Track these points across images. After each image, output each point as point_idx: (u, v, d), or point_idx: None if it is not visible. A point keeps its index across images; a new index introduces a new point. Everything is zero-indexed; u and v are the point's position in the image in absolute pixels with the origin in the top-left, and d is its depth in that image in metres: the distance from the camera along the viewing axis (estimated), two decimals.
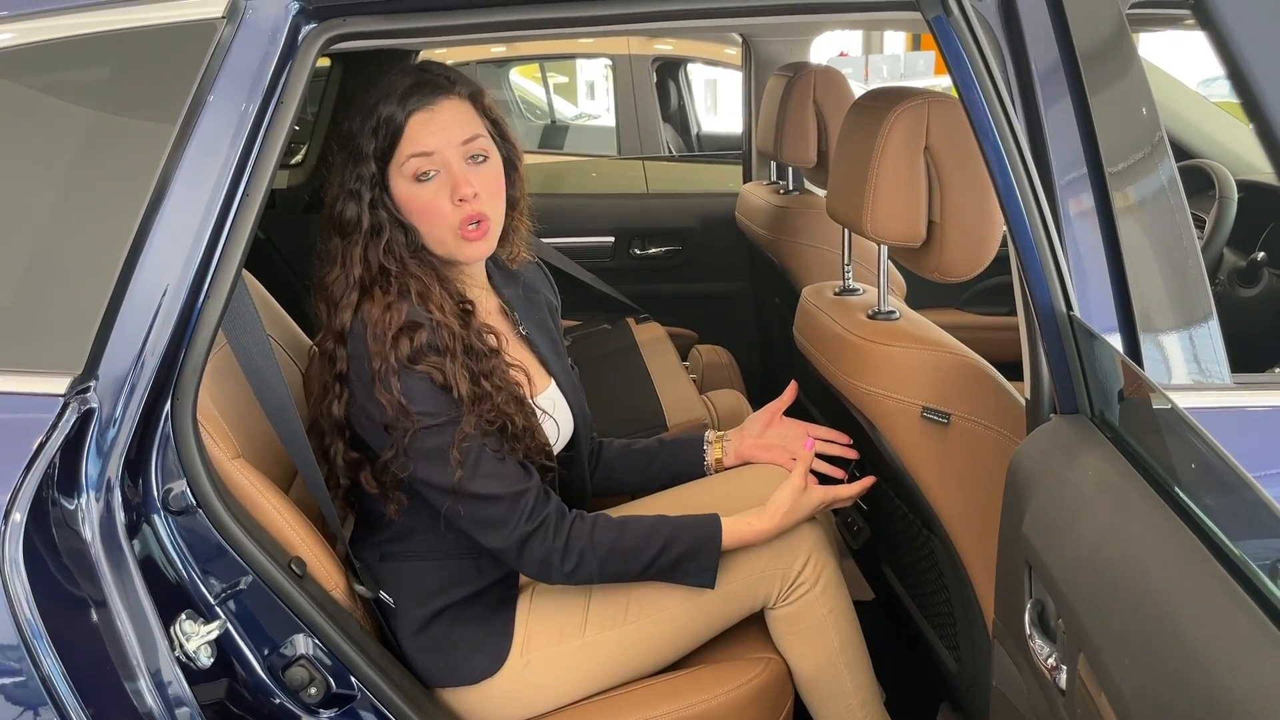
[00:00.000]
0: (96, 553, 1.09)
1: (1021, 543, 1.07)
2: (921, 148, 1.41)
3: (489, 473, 1.35)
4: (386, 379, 1.31)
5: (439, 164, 1.37)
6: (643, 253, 3.21)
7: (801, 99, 2.32)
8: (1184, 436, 0.90)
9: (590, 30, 1.64)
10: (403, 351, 1.32)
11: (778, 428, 1.71)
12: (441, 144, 1.37)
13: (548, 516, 1.37)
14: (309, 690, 1.27)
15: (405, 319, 1.33)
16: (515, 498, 1.36)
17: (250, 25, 1.18)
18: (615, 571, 1.41)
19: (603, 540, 1.39)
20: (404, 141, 1.36)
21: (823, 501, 1.51)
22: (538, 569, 1.40)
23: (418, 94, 1.36)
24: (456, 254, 1.42)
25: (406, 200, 1.38)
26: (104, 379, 1.13)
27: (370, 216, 1.37)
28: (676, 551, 1.41)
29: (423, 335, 1.33)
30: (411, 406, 1.32)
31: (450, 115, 1.38)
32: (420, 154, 1.36)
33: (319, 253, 1.43)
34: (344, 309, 1.36)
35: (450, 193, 1.37)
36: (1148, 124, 1.21)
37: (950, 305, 2.96)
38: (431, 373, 1.33)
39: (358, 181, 1.37)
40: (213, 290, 1.17)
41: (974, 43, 1.12)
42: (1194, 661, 0.74)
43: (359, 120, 1.38)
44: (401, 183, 1.38)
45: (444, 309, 1.38)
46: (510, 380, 1.43)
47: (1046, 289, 1.13)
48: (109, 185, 1.19)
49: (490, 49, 5.12)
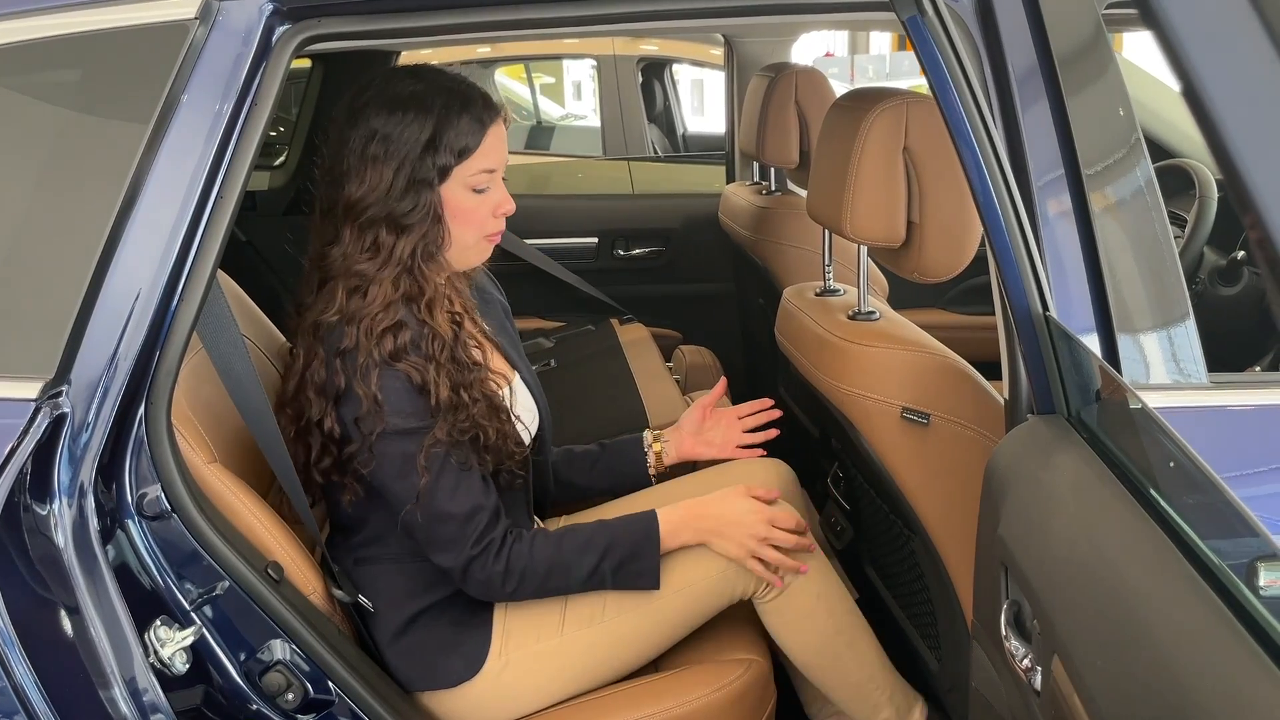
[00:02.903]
0: (69, 559, 1.08)
1: (998, 543, 1.07)
2: (900, 148, 1.42)
3: (449, 487, 1.35)
4: (367, 372, 1.31)
5: (496, 180, 1.41)
6: (626, 254, 3.21)
7: (783, 100, 2.33)
8: (1156, 438, 0.90)
9: (571, 31, 1.63)
10: (385, 348, 1.32)
11: (713, 422, 1.73)
12: (501, 161, 1.41)
13: (492, 541, 1.38)
14: (286, 696, 1.26)
15: (395, 318, 1.34)
16: (467, 518, 1.36)
17: (223, 26, 1.17)
18: (558, 586, 1.42)
19: (542, 557, 1.40)
20: (479, 154, 1.38)
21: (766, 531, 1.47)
22: (480, 590, 1.41)
23: (489, 110, 1.39)
24: (469, 259, 1.45)
25: (457, 205, 1.39)
26: (76, 383, 1.12)
27: (431, 210, 1.37)
28: (617, 557, 1.42)
29: (406, 335, 1.34)
30: (385, 403, 1.32)
31: (503, 134, 1.42)
32: (488, 170, 1.39)
33: (329, 237, 1.40)
34: (356, 295, 1.35)
35: (494, 206, 1.42)
36: (1125, 125, 1.22)
37: (933, 305, 2.97)
38: (410, 372, 1.33)
39: (430, 171, 1.36)
40: (187, 293, 1.16)
41: (949, 43, 1.12)
42: (1163, 663, 0.74)
43: (421, 116, 1.35)
44: (458, 189, 1.38)
45: (440, 314, 1.39)
46: (490, 391, 1.43)
47: (1023, 290, 1.13)
48: (81, 187, 1.18)
49: (475, 49, 5.11)
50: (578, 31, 2.93)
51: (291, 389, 1.39)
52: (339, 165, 1.37)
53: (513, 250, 2.99)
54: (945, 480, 1.43)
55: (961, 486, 1.34)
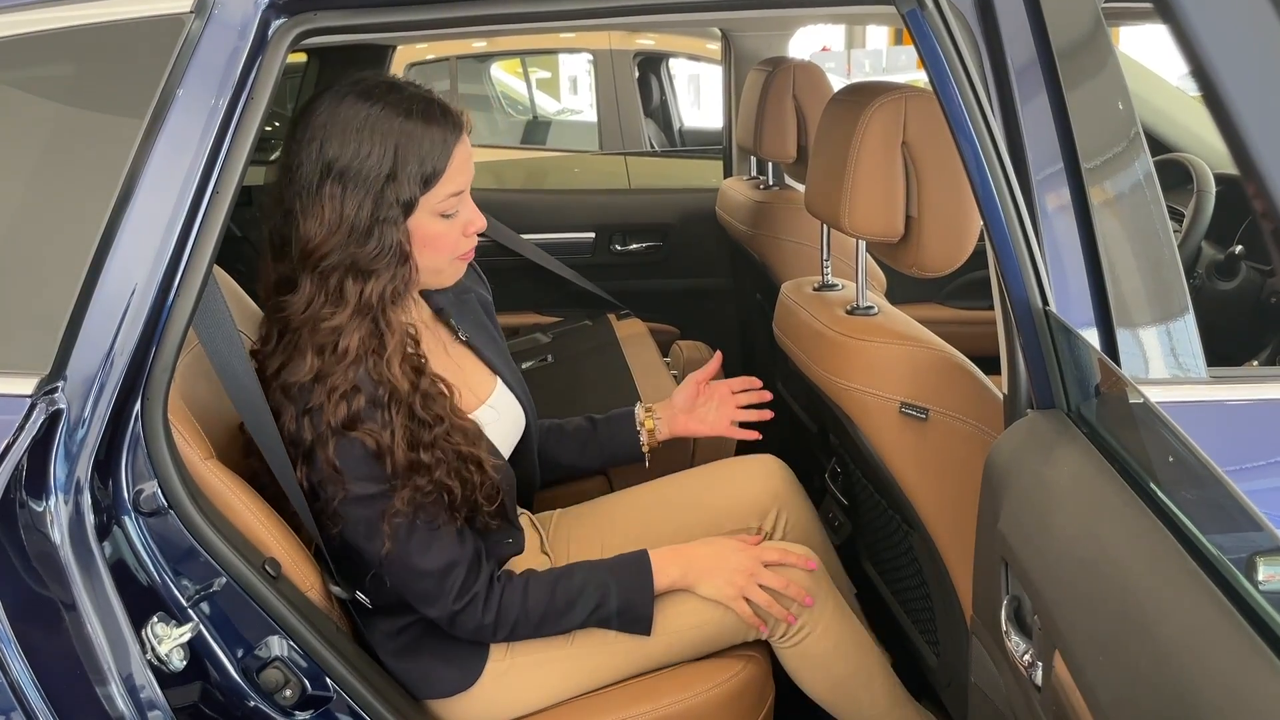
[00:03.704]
0: (66, 555, 1.08)
1: (997, 539, 1.07)
2: (899, 143, 1.41)
3: (420, 546, 1.32)
4: (325, 440, 1.27)
5: (464, 200, 1.33)
6: (623, 248, 3.20)
7: (780, 94, 2.32)
8: (1157, 432, 0.90)
9: (568, 25, 1.62)
10: (339, 414, 1.26)
11: (705, 398, 1.70)
12: (469, 179, 1.33)
13: (476, 594, 1.35)
14: (284, 692, 1.25)
15: (351, 382, 1.26)
16: (443, 574, 1.33)
17: (219, 20, 1.16)
18: (550, 631, 1.41)
19: (536, 607, 1.38)
20: (445, 179, 1.28)
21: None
22: (470, 637, 1.39)
23: (451, 127, 1.29)
24: (441, 279, 1.38)
25: (425, 234, 1.30)
26: (72, 379, 1.11)
27: (397, 249, 1.27)
28: (612, 605, 1.41)
29: (360, 400, 1.26)
30: (343, 471, 1.27)
31: (468, 148, 1.32)
32: (457, 193, 1.30)
33: (285, 285, 1.31)
34: (327, 351, 1.27)
35: (464, 226, 1.34)
36: (1124, 119, 1.21)
37: (931, 300, 2.97)
38: (364, 439, 1.27)
39: (394, 208, 1.26)
40: (183, 289, 1.16)
41: (949, 37, 1.12)
42: (1165, 657, 0.74)
43: (380, 145, 1.25)
44: (426, 218, 1.29)
45: (398, 367, 1.30)
46: (456, 444, 1.34)
47: (1023, 284, 1.12)
48: (76, 182, 1.18)
49: (471, 44, 5.10)
50: (574, 25, 2.93)
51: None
52: (291, 198, 1.28)
53: (509, 245, 2.99)
54: (944, 475, 1.43)
55: (960, 482, 1.34)
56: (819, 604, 1.49)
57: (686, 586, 1.45)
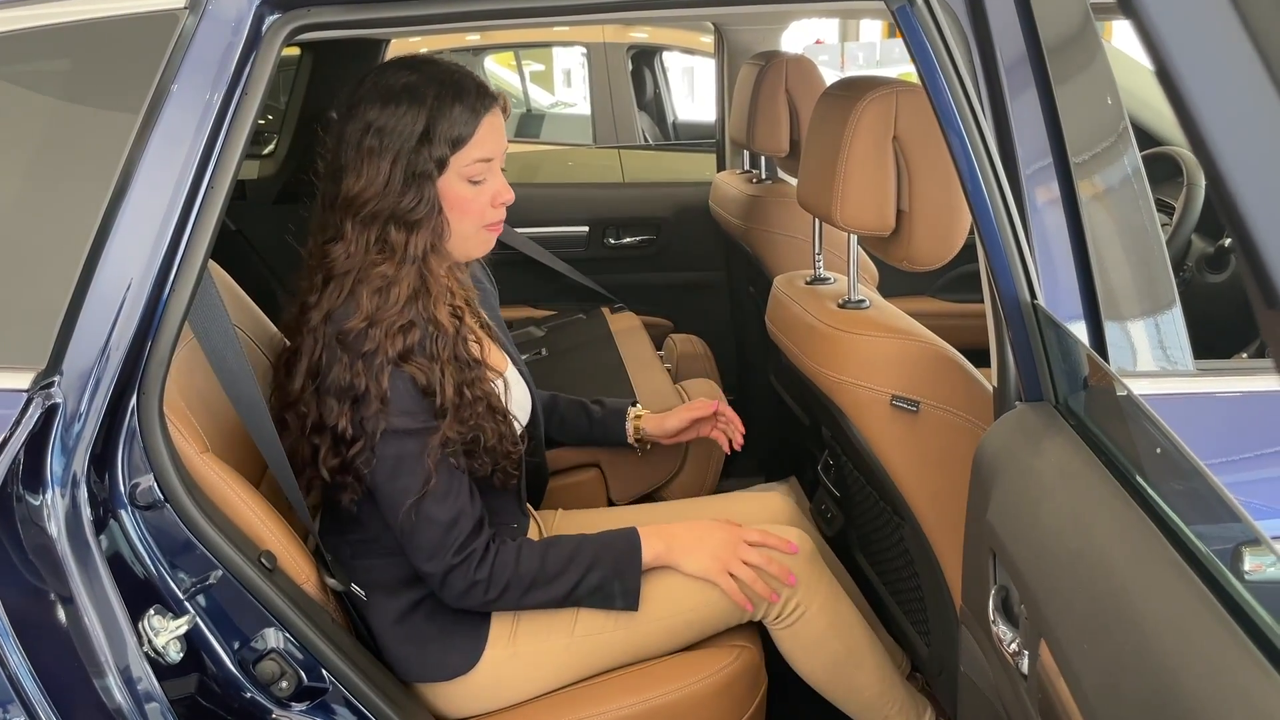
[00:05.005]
0: (63, 549, 1.08)
1: (986, 530, 1.08)
2: (890, 137, 1.42)
3: (439, 492, 1.35)
4: (380, 370, 1.32)
5: (493, 170, 1.41)
6: (617, 242, 3.21)
7: (773, 88, 2.32)
8: (1141, 425, 0.91)
9: (560, 20, 1.63)
10: (396, 347, 1.33)
11: (692, 430, 1.84)
12: (497, 150, 1.40)
13: (474, 551, 1.38)
14: (280, 684, 1.26)
15: (407, 318, 1.34)
16: (451, 525, 1.36)
17: (213, 15, 1.17)
18: (537, 599, 1.42)
19: (527, 570, 1.40)
20: (473, 143, 1.37)
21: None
22: (457, 598, 1.40)
23: (484, 98, 1.38)
24: (470, 250, 1.45)
25: (455, 196, 1.38)
26: (68, 374, 1.12)
27: (435, 203, 1.37)
28: (599, 575, 1.42)
29: (415, 335, 1.34)
30: (390, 403, 1.32)
31: (500, 123, 1.41)
32: (484, 159, 1.38)
33: (331, 233, 1.39)
34: (378, 297, 1.35)
35: (492, 196, 1.41)
36: (1112, 113, 1.22)
37: (922, 293, 2.98)
38: (416, 374, 1.34)
39: (428, 163, 1.35)
40: (178, 283, 1.16)
41: (938, 32, 1.13)
42: (1148, 647, 0.75)
43: (415, 107, 1.34)
44: (455, 180, 1.38)
45: (443, 309, 1.40)
46: (488, 390, 1.44)
47: (1011, 278, 1.14)
48: (72, 177, 1.18)
49: (465, 37, 5.09)
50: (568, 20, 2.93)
51: (297, 388, 1.38)
52: (338, 160, 1.38)
53: (503, 239, 2.97)
54: (934, 467, 1.44)
55: (950, 473, 1.35)
56: (813, 585, 1.51)
57: (671, 563, 1.46)
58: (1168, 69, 0.50)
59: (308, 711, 1.28)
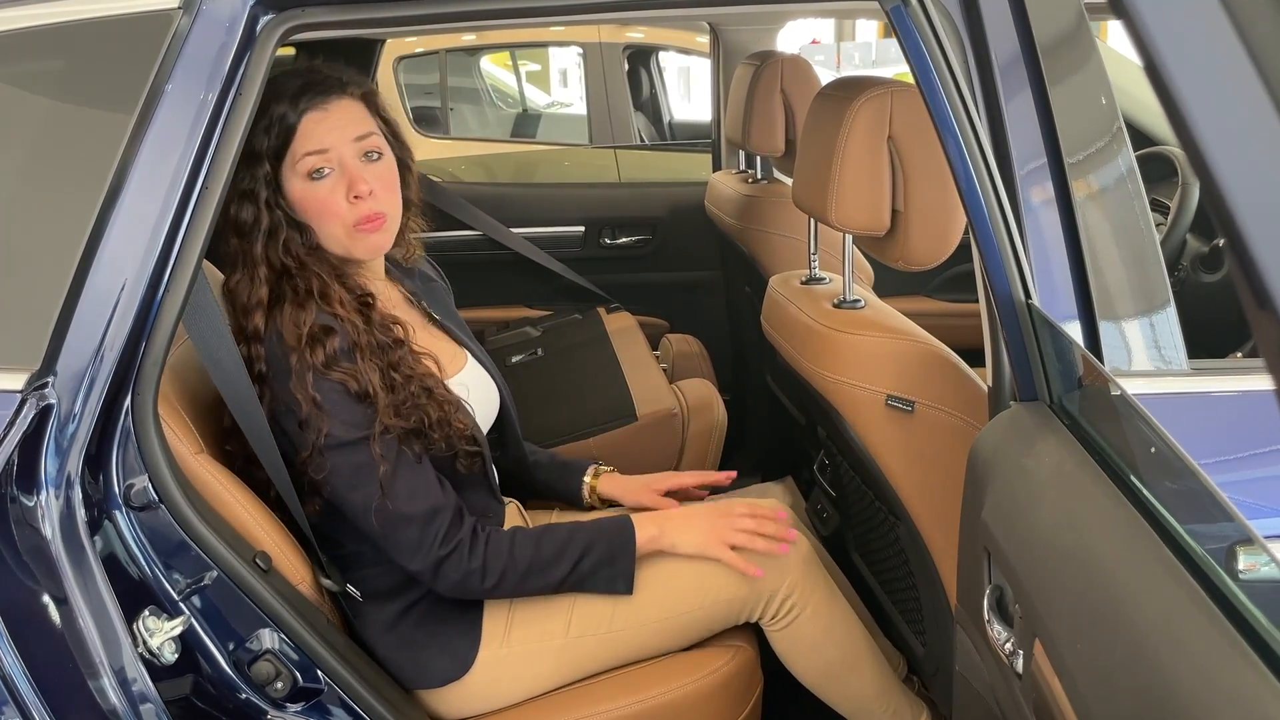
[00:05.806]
0: (57, 550, 1.08)
1: (981, 529, 1.09)
2: (885, 137, 1.42)
3: (405, 492, 1.34)
4: (303, 376, 1.31)
5: (333, 161, 1.37)
6: (613, 242, 3.21)
7: (769, 88, 2.33)
8: (1135, 424, 0.91)
9: (554, 20, 1.63)
10: (317, 357, 1.31)
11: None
12: (335, 141, 1.36)
13: (461, 540, 1.37)
14: (275, 685, 1.26)
15: (316, 322, 1.33)
16: (428, 519, 1.35)
17: (207, 16, 1.17)
18: (535, 586, 1.42)
19: (523, 556, 1.40)
20: (298, 140, 1.35)
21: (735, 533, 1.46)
22: (454, 589, 1.39)
23: (310, 93, 1.36)
24: (353, 250, 1.41)
25: (301, 199, 1.37)
26: (62, 374, 1.11)
27: (268, 216, 1.35)
28: (594, 558, 1.42)
29: (335, 340, 1.33)
30: (325, 407, 1.31)
31: (343, 113, 1.38)
32: (314, 151, 1.35)
33: (220, 256, 1.40)
34: (254, 311, 1.35)
35: (346, 190, 1.37)
36: (1107, 113, 1.22)
37: (918, 293, 2.98)
38: (346, 381, 1.32)
39: (251, 181, 1.34)
40: (172, 283, 1.16)
41: (932, 33, 1.13)
42: (1142, 646, 0.75)
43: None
44: (295, 181, 1.36)
45: (345, 305, 1.37)
46: (419, 370, 1.42)
47: (1006, 278, 1.14)
48: (66, 178, 1.18)
49: (460, 37, 5.09)
50: (563, 20, 2.93)
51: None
52: None
53: (499, 239, 2.99)
54: (929, 467, 1.44)
55: (945, 473, 1.35)
56: (809, 587, 1.51)
57: (667, 545, 1.46)
58: (1157, 67, 0.50)
59: (303, 712, 1.28)
